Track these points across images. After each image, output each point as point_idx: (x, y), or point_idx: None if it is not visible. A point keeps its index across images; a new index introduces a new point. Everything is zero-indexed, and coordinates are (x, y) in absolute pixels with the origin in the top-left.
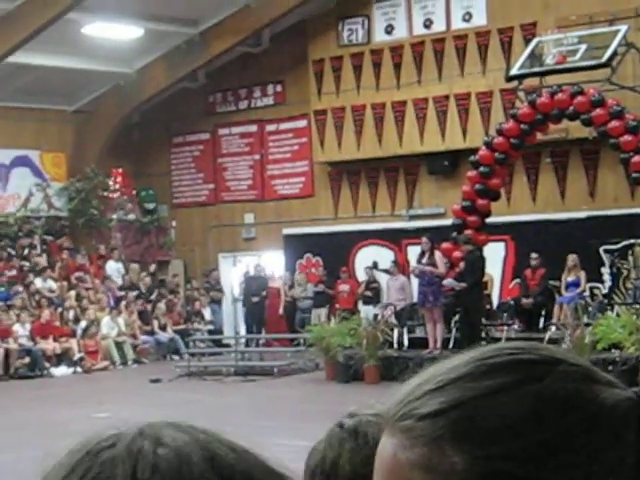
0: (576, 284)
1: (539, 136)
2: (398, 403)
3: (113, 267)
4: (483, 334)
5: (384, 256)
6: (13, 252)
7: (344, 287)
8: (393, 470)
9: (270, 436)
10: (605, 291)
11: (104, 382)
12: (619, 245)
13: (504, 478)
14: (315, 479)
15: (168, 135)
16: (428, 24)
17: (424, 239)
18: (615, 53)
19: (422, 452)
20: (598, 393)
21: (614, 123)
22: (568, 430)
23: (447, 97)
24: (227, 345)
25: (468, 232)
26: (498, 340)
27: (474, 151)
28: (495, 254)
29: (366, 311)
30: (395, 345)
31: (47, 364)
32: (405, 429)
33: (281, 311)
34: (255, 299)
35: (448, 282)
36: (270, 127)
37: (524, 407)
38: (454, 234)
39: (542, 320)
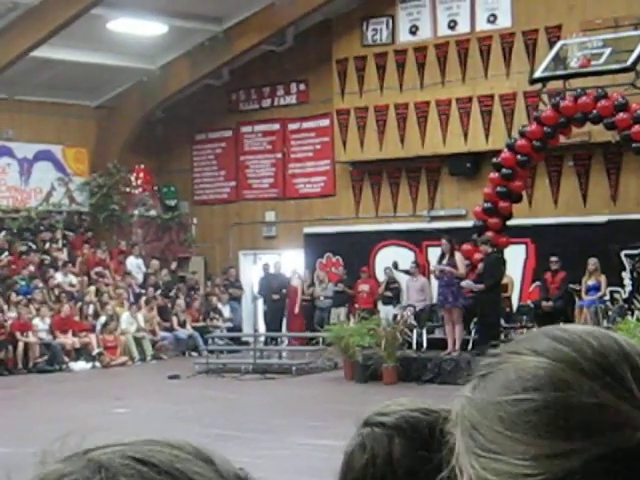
0: (596, 288)
1: (562, 139)
2: None
3: (133, 263)
4: (502, 336)
5: (404, 257)
6: (34, 246)
7: (364, 287)
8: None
9: (288, 435)
10: (625, 295)
11: (122, 377)
12: None
13: (469, 423)
14: None
15: (190, 132)
16: (452, 25)
17: (443, 240)
18: None
19: (469, 384)
20: (581, 389)
21: (637, 127)
22: (519, 405)
23: (470, 98)
24: (246, 343)
25: (489, 234)
26: None
27: (496, 153)
28: (516, 257)
29: (385, 311)
30: (414, 346)
31: (66, 358)
32: (477, 362)
33: (297, 310)
34: (276, 297)
35: (466, 284)
36: (293, 126)
37: (508, 372)
38: (475, 236)
39: (562, 324)
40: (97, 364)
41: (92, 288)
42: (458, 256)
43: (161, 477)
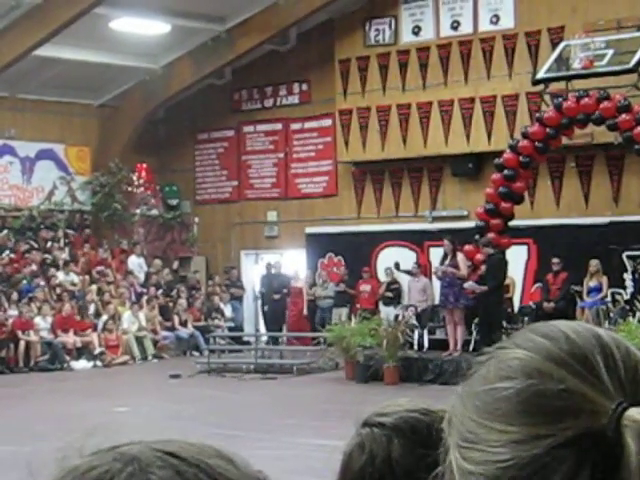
0: (598, 289)
1: (564, 140)
2: None
3: (135, 262)
4: (503, 337)
5: (406, 257)
6: (36, 245)
7: (365, 287)
8: None
9: (289, 435)
10: (627, 297)
11: (124, 376)
12: None
13: (453, 415)
14: None
15: (193, 131)
16: (455, 26)
17: (445, 241)
18: None
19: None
20: (550, 376)
21: None
22: (492, 394)
23: (473, 99)
24: (247, 342)
25: (491, 235)
26: None
27: (499, 154)
28: (517, 257)
29: (387, 312)
30: (415, 346)
31: (67, 357)
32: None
33: (305, 311)
34: (276, 296)
35: (469, 285)
36: (295, 125)
37: (489, 364)
38: (477, 237)
39: None
40: (98, 363)
41: (94, 287)
42: (460, 257)
43: (192, 470)
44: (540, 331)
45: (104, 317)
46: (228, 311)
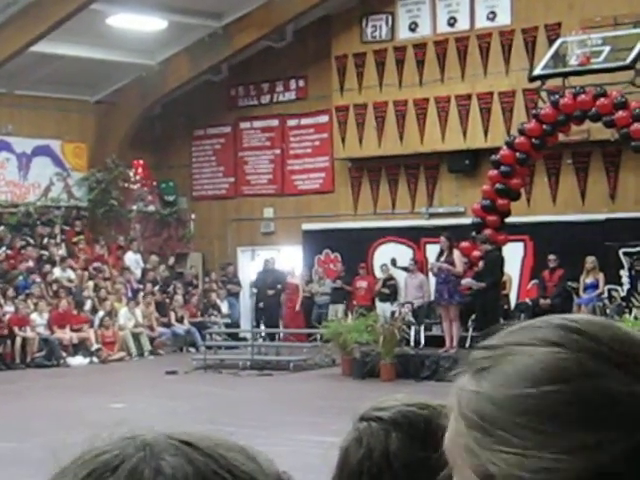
0: (594, 286)
1: (561, 137)
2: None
3: (132, 258)
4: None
5: (403, 253)
6: (32, 241)
7: (362, 283)
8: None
9: (285, 431)
10: (623, 294)
11: (120, 373)
12: (638, 248)
13: (482, 417)
14: (363, 477)
15: (189, 127)
16: (452, 22)
17: (442, 238)
18: (639, 55)
19: (463, 378)
20: (612, 378)
21: (636, 125)
22: (547, 395)
23: (469, 96)
24: (244, 339)
25: (487, 231)
26: None
27: (495, 150)
28: (514, 254)
29: (383, 308)
30: (412, 343)
31: (64, 354)
32: (470, 355)
33: (298, 307)
34: (271, 292)
35: (467, 281)
36: (291, 122)
37: (526, 364)
38: (473, 233)
39: None
40: (95, 359)
41: (90, 283)
42: (456, 253)
43: (204, 459)
44: (569, 326)
45: (100, 313)
46: (224, 307)
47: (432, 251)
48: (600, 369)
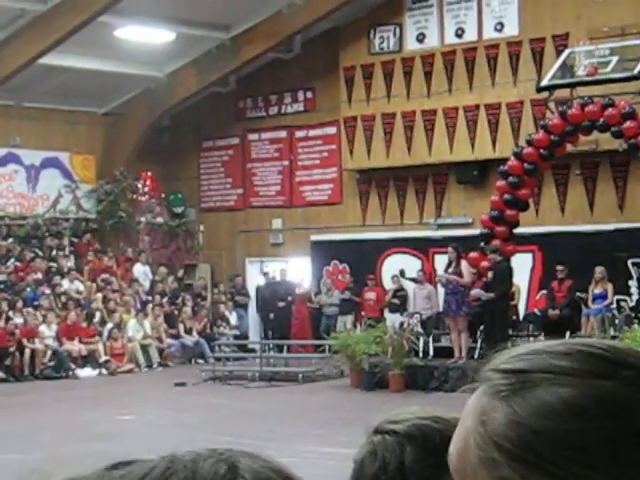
0: (603, 296)
1: (569, 147)
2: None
3: (140, 270)
4: (509, 345)
5: (411, 264)
6: (41, 253)
7: (370, 295)
8: (467, 411)
9: (295, 442)
10: (632, 304)
11: (129, 384)
12: None
13: (525, 447)
14: None
15: (198, 139)
16: (460, 33)
17: (449, 248)
18: None
19: (484, 401)
20: None
21: None
22: (602, 431)
23: (477, 107)
24: (252, 350)
25: (496, 242)
26: None
27: (503, 161)
28: (523, 265)
29: (392, 319)
30: (420, 354)
31: (72, 365)
32: (485, 377)
33: (308, 319)
34: (281, 304)
35: (476, 292)
36: (300, 133)
37: (574, 396)
38: (482, 244)
39: (568, 332)
40: (104, 371)
41: (99, 295)
42: (464, 264)
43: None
44: (602, 355)
45: (109, 325)
46: (233, 319)
47: (441, 262)
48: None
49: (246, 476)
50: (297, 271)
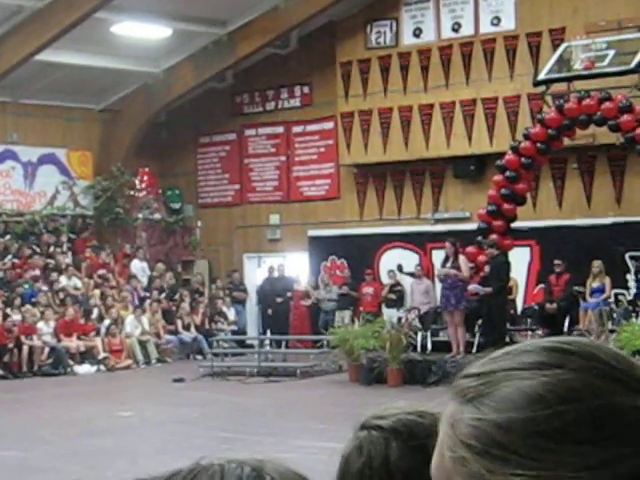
0: (601, 290)
1: (566, 141)
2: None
3: (138, 266)
4: (507, 339)
5: (409, 259)
6: (38, 250)
7: (368, 290)
8: (441, 421)
9: (293, 437)
10: (630, 298)
11: (127, 381)
12: None
13: (489, 442)
14: None
15: (195, 135)
16: (456, 28)
17: (447, 243)
18: None
19: (453, 407)
20: (617, 394)
21: None
22: (557, 416)
23: (474, 101)
24: (250, 346)
25: (493, 237)
26: None
27: (500, 155)
28: (520, 259)
29: (390, 314)
30: (419, 348)
31: (71, 362)
32: (455, 385)
33: (307, 314)
34: (279, 299)
35: (474, 287)
36: (297, 128)
37: (532, 387)
38: (479, 238)
39: (566, 326)
40: (102, 367)
41: (97, 291)
42: (462, 259)
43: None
44: (559, 348)
45: (107, 321)
46: (231, 314)
47: (438, 257)
48: (606, 387)
49: (273, 475)
50: (295, 266)
